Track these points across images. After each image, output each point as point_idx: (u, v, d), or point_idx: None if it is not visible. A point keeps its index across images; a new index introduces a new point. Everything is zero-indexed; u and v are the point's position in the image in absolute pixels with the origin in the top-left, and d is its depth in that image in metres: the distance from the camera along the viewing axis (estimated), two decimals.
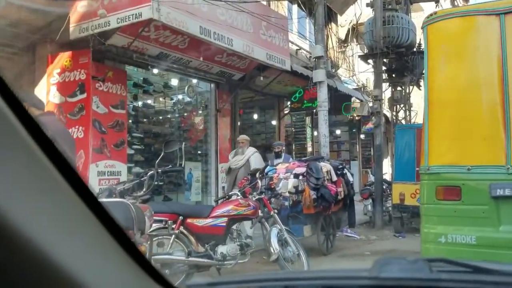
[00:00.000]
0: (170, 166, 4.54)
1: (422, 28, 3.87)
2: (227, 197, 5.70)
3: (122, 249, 0.64)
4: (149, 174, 4.05)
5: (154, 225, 4.76)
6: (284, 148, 8.91)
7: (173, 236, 4.76)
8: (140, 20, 6.74)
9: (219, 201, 5.65)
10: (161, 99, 10.27)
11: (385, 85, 13.11)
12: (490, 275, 0.83)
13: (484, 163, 3.51)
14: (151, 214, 3.71)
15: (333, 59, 13.95)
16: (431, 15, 3.81)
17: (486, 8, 3.61)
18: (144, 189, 4.02)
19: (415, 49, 12.01)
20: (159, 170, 4.08)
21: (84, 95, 7.55)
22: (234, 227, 5.39)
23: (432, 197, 3.67)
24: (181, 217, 4.84)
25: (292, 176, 6.84)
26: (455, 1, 16.94)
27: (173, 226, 4.78)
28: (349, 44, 15.37)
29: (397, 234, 9.06)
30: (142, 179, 4.11)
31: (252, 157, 7.74)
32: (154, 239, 4.53)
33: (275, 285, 0.94)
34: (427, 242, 3.63)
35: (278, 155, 8.42)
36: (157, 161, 4.09)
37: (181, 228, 4.88)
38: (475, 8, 3.72)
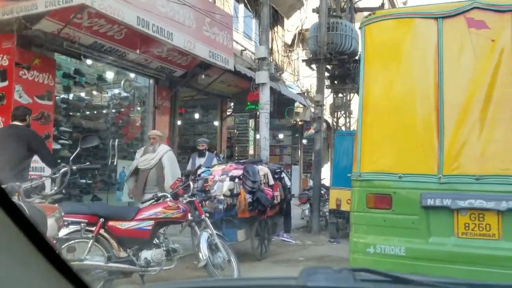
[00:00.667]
0: (88, 163, 4.12)
1: (360, 28, 3.76)
2: (155, 199, 5.35)
3: (41, 255, 0.63)
4: (62, 171, 3.63)
5: (71, 227, 4.38)
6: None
7: (91, 240, 4.36)
8: (71, 5, 6.25)
9: (147, 203, 5.30)
10: (94, 92, 9.68)
11: (327, 92, 13.21)
12: (410, 285, 0.87)
13: (415, 172, 3.41)
14: (60, 215, 3.31)
15: (278, 63, 13.90)
16: (369, 15, 3.69)
17: (424, 11, 3.53)
18: (55, 188, 3.60)
19: (357, 57, 12.18)
20: (74, 167, 3.67)
21: (6, 83, 6.95)
22: (161, 231, 5.08)
23: (362, 205, 3.53)
24: (102, 219, 4.46)
25: (228, 178, 6.59)
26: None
27: (92, 228, 4.39)
28: (294, 49, 15.41)
29: (332, 240, 9.07)
30: (54, 176, 3.68)
31: (166, 156, 6.82)
32: (66, 243, 4.11)
33: None
34: (355, 252, 3.49)
35: (201, 154, 7.95)
36: (72, 157, 3.68)
37: (102, 231, 4.50)
38: (414, 10, 3.63)
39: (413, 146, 3.46)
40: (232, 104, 13.12)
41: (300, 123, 16.73)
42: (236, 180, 6.58)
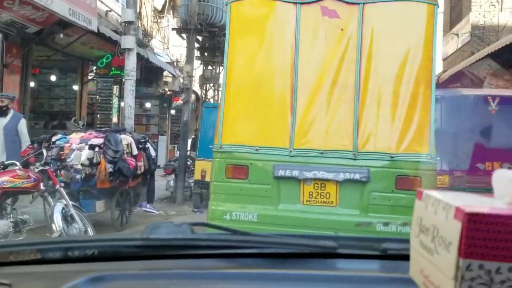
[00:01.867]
0: None
1: (226, 5, 3.86)
2: (2, 166, 4.88)
3: None
4: None
5: None
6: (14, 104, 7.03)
7: None
8: None
9: None
10: None
11: (197, 63, 13.20)
12: (240, 236, 0.98)
13: (270, 145, 3.71)
14: None
15: (146, 28, 13.40)
16: None
17: None
18: None
19: None
20: None
21: None
22: (8, 201, 4.69)
23: (221, 175, 3.73)
24: None
25: (87, 147, 6.27)
26: None
27: None
28: (165, 15, 14.99)
29: (196, 209, 9.29)
30: None
31: None
32: None
33: (52, 248, 0.95)
34: (213, 219, 3.69)
35: (3, 112, 6.69)
36: None
37: None
38: None
39: (269, 121, 3.73)
40: (94, 68, 12.33)
41: (168, 92, 16.48)
42: (96, 149, 6.29)
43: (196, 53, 12.91)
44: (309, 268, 0.87)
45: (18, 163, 4.92)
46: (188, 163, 11.14)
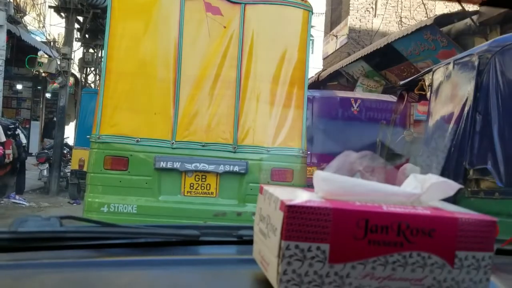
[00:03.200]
0: None
1: None
2: None
3: None
4: None
5: None
6: None
7: None
8: None
9: None
10: None
11: (77, 45, 12.44)
12: (108, 227, 1.02)
13: (152, 137, 3.72)
14: None
15: (19, 3, 12.22)
16: None
17: None
18: None
19: None
20: None
21: None
22: None
23: (99, 166, 3.65)
24: None
25: None
26: None
27: None
28: None
29: (72, 201, 8.84)
30: None
31: None
32: None
33: None
34: (89, 212, 3.59)
35: None
36: None
37: None
38: None
39: (151, 113, 3.74)
40: None
41: (44, 74, 15.22)
42: None
43: (76, 34, 12.16)
44: (173, 254, 0.97)
45: None
46: (65, 151, 10.54)
